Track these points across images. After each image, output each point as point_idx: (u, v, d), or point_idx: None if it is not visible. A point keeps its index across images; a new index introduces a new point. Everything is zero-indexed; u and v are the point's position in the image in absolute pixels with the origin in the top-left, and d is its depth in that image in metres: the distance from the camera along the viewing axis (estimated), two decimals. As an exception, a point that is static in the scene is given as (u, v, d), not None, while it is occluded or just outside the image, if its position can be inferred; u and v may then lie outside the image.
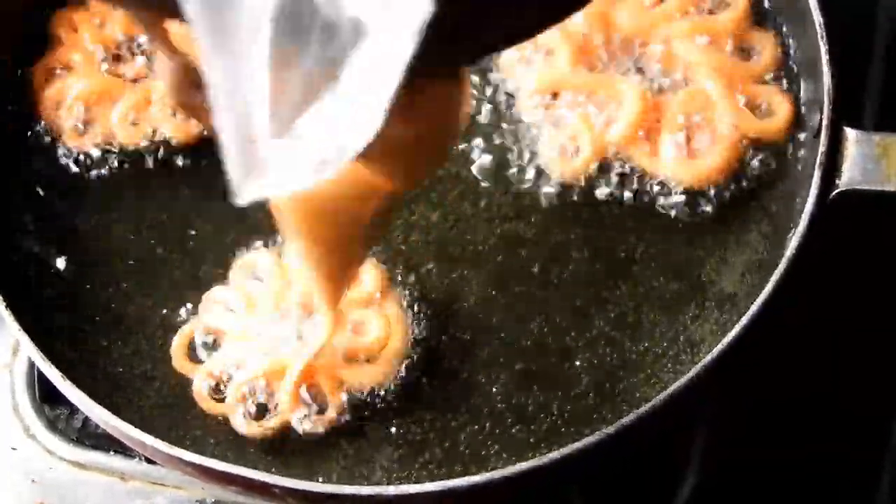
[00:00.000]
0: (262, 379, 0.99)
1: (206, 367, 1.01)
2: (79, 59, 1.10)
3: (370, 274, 1.02)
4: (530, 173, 1.07)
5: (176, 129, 1.08)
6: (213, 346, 1.02)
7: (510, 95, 1.09)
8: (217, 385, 1.00)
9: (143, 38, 1.11)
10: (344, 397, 0.99)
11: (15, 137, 1.10)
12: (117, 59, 1.11)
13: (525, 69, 1.09)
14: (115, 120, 1.08)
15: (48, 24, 1.12)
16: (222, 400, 1.00)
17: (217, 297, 1.03)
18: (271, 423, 0.99)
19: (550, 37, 1.08)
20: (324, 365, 0.99)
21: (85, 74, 1.09)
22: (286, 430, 0.98)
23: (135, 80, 1.10)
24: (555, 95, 1.08)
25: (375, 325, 1.01)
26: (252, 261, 1.04)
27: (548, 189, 1.07)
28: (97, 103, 1.09)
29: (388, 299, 1.02)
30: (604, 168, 1.06)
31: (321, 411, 0.98)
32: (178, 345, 1.02)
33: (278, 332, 1.00)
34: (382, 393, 0.99)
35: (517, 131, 1.08)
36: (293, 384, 0.98)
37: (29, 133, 1.10)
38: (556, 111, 1.07)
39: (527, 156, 1.08)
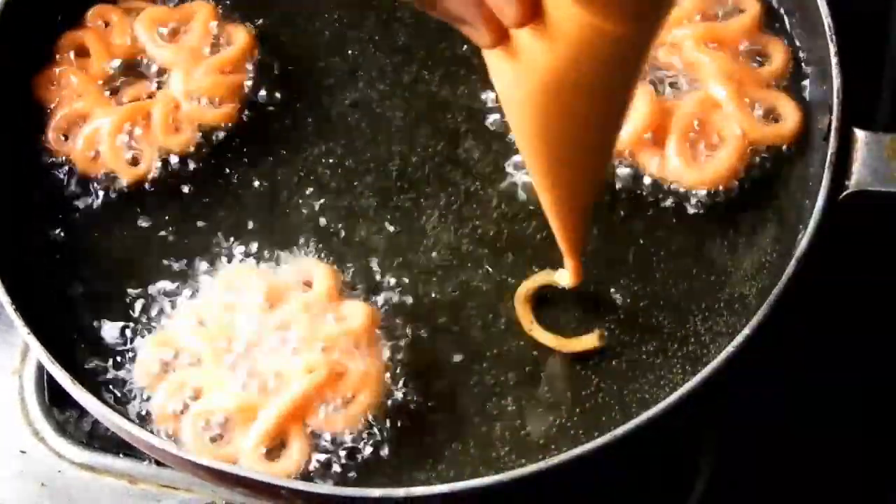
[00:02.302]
0: (222, 414, 0.97)
1: (171, 382, 0.99)
2: (84, 106, 1.09)
3: (359, 311, 1.00)
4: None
5: (215, 116, 1.09)
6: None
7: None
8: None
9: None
10: (309, 442, 0.97)
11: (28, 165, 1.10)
12: (116, 90, 1.11)
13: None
14: (160, 134, 1.08)
15: (32, 93, 1.11)
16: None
17: (192, 310, 1.01)
18: (225, 450, 0.97)
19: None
20: (297, 410, 0.97)
21: (103, 113, 1.08)
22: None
23: (150, 96, 1.10)
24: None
25: (353, 374, 0.98)
26: (239, 274, 1.03)
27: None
28: (141, 130, 1.09)
29: (374, 344, 1.00)
30: (612, 170, 1.06)
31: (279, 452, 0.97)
32: (145, 360, 1.00)
33: (252, 368, 0.98)
34: (389, 402, 0.99)
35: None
36: (262, 435, 0.96)
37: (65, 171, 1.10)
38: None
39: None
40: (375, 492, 0.93)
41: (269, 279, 1.02)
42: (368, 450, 0.98)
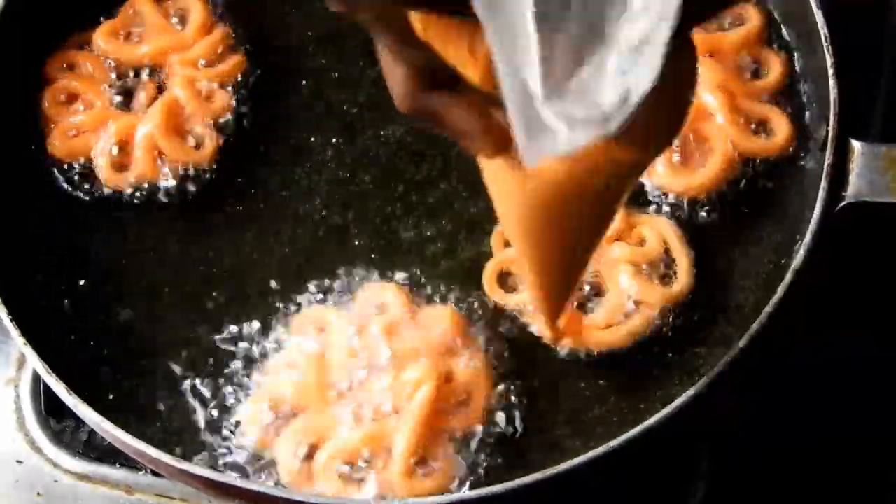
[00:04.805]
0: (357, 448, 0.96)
1: (288, 440, 0.98)
2: (120, 128, 1.09)
3: (441, 314, 1.01)
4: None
5: (231, 67, 1.12)
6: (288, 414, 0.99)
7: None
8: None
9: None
10: (446, 447, 0.97)
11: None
12: (126, 102, 1.12)
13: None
14: (200, 108, 1.10)
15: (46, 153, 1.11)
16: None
17: (282, 361, 1.01)
18: (370, 486, 0.96)
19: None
20: (426, 422, 0.96)
21: (140, 123, 1.09)
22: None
23: (160, 91, 1.12)
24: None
25: (462, 374, 0.99)
26: (317, 317, 1.03)
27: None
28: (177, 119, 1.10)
29: (469, 340, 1.01)
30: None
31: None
32: (250, 418, 0.99)
33: (364, 398, 0.98)
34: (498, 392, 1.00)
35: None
36: (405, 457, 0.96)
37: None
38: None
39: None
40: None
41: (343, 313, 1.02)
42: (501, 439, 0.98)
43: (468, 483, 0.96)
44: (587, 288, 1.02)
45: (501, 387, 1.00)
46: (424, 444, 0.96)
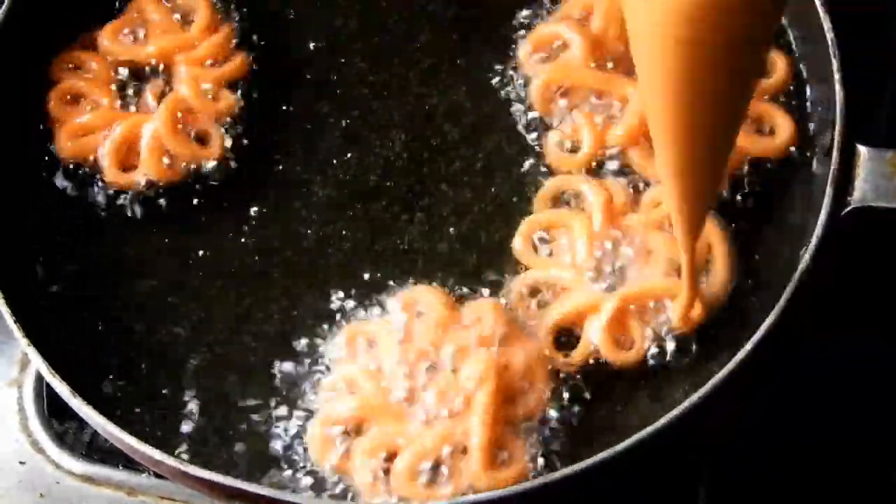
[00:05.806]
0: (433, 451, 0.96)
1: (363, 455, 0.97)
2: (125, 128, 1.09)
3: (485, 308, 1.01)
4: (530, 164, 1.08)
5: (233, 68, 1.12)
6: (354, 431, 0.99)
7: (523, 85, 1.11)
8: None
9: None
10: (521, 436, 0.97)
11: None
12: (132, 102, 1.12)
13: (540, 61, 1.10)
14: (205, 107, 1.10)
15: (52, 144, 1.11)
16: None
17: (341, 379, 1.00)
18: (451, 484, 0.96)
19: (567, 30, 1.09)
20: (494, 416, 0.96)
21: (146, 122, 1.09)
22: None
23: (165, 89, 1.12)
24: (564, 91, 1.09)
25: (518, 362, 0.99)
26: (365, 331, 1.02)
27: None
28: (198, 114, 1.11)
29: (517, 329, 1.01)
30: (602, 167, 1.06)
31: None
32: (318, 440, 0.98)
33: (428, 404, 0.97)
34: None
35: (524, 122, 1.10)
36: (484, 451, 0.95)
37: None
38: (564, 106, 1.08)
39: (529, 147, 1.09)
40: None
41: (386, 320, 1.02)
42: (569, 419, 0.98)
43: (544, 467, 0.96)
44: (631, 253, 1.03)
45: (559, 370, 1.00)
46: (498, 436, 0.96)
